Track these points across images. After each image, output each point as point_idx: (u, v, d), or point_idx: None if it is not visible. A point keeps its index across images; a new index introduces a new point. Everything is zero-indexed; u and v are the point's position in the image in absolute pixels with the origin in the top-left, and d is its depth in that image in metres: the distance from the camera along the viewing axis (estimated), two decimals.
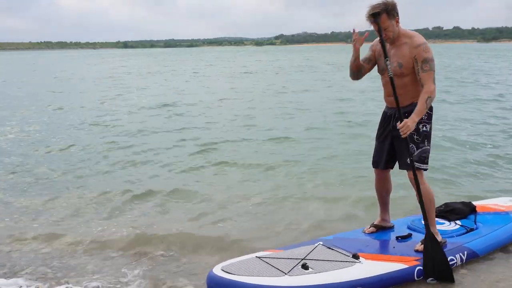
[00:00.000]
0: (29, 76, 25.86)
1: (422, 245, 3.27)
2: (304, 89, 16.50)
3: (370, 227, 3.74)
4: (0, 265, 3.52)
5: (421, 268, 3.15)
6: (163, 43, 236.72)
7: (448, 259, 3.19)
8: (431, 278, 3.13)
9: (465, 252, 3.36)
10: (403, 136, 3.14)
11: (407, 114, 3.20)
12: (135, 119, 10.50)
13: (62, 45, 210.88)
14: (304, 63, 36.65)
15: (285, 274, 2.96)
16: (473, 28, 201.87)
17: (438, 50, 69.88)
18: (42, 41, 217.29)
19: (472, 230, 3.65)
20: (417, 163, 3.25)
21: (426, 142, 3.28)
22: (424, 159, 3.28)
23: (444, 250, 3.24)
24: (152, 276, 3.34)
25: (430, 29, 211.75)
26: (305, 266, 3.06)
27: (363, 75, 3.48)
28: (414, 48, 3.16)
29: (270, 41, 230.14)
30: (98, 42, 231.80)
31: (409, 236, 3.56)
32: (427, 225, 3.26)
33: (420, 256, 3.21)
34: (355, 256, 3.19)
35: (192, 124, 9.78)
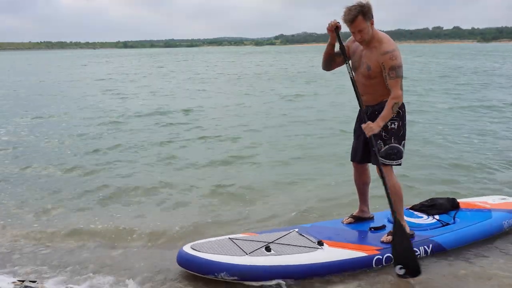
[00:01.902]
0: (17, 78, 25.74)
1: (389, 237, 3.44)
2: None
3: (349, 217, 3.91)
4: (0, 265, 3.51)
5: (380, 257, 3.34)
6: (163, 43, 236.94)
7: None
8: (399, 266, 3.16)
9: (430, 245, 3.51)
10: (367, 135, 3.31)
11: (377, 112, 3.35)
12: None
13: (62, 45, 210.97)
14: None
15: (246, 254, 3.21)
16: (473, 28, 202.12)
17: (439, 50, 70.35)
18: (42, 41, 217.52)
19: (447, 224, 3.77)
20: (383, 159, 3.39)
21: (393, 139, 3.39)
22: (390, 156, 3.39)
23: (412, 242, 3.37)
24: (152, 271, 3.34)
25: (430, 29, 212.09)
26: (268, 249, 3.29)
27: (334, 67, 3.60)
28: (381, 55, 3.24)
29: (270, 41, 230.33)
30: (98, 42, 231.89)
31: (382, 228, 3.71)
32: (395, 217, 3.35)
33: (383, 246, 3.39)
34: (320, 243, 3.39)
35: (189, 122, 9.80)
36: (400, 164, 3.45)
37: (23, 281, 3.23)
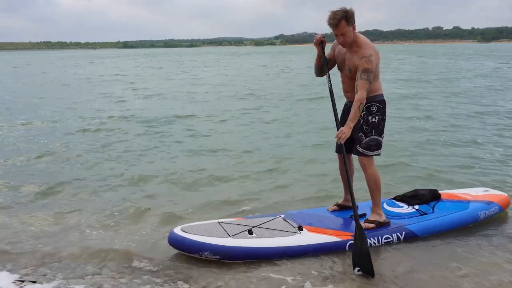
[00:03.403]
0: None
1: (365, 224, 3.73)
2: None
3: (334, 205, 4.21)
4: (0, 265, 3.51)
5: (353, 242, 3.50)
6: (163, 43, 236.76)
7: (384, 237, 3.67)
8: (357, 268, 3.30)
9: (403, 232, 3.78)
10: (339, 142, 3.56)
11: (371, 106, 3.69)
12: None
13: (62, 45, 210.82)
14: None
15: (230, 236, 3.52)
16: (473, 28, 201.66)
17: (440, 50, 70.23)
18: (42, 41, 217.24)
19: (425, 214, 4.02)
20: (364, 150, 3.73)
21: (373, 132, 3.72)
22: (371, 147, 3.73)
23: (385, 229, 3.74)
24: (152, 272, 3.33)
25: (430, 29, 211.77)
26: (250, 232, 3.59)
27: (324, 75, 3.85)
28: (359, 58, 3.55)
29: (270, 41, 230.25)
30: (98, 42, 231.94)
31: (362, 216, 3.93)
32: (356, 217, 3.44)
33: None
34: (300, 228, 3.68)
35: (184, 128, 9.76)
36: (379, 154, 3.79)
37: (23, 281, 3.23)
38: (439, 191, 4.41)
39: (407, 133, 8.45)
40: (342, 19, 3.47)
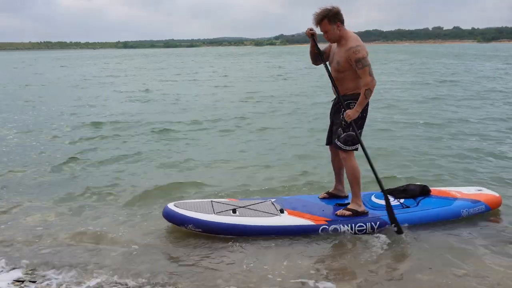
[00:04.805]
0: None
1: (343, 211, 3.99)
2: None
3: (324, 193, 4.47)
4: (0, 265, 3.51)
5: (326, 227, 3.88)
6: (163, 43, 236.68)
7: (357, 225, 3.92)
8: (394, 225, 3.83)
9: (377, 222, 3.99)
10: (348, 121, 3.83)
11: (339, 102, 3.91)
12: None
13: (62, 45, 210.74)
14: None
15: (214, 213, 3.87)
16: (473, 28, 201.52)
17: (440, 50, 70.31)
18: (42, 41, 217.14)
19: (407, 207, 4.20)
20: (341, 144, 3.93)
21: (351, 128, 3.87)
22: (347, 142, 3.92)
23: (362, 218, 3.98)
24: (152, 272, 3.33)
25: (430, 29, 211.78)
26: (234, 211, 3.93)
27: (320, 63, 4.10)
28: (346, 51, 3.74)
29: (270, 41, 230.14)
30: (98, 42, 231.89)
31: (345, 205, 4.14)
32: (385, 195, 3.93)
33: (333, 218, 3.95)
34: (281, 211, 3.99)
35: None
36: (356, 149, 3.96)
37: (23, 281, 3.23)
38: (433, 188, 4.53)
39: (412, 130, 8.54)
40: (324, 18, 3.73)
